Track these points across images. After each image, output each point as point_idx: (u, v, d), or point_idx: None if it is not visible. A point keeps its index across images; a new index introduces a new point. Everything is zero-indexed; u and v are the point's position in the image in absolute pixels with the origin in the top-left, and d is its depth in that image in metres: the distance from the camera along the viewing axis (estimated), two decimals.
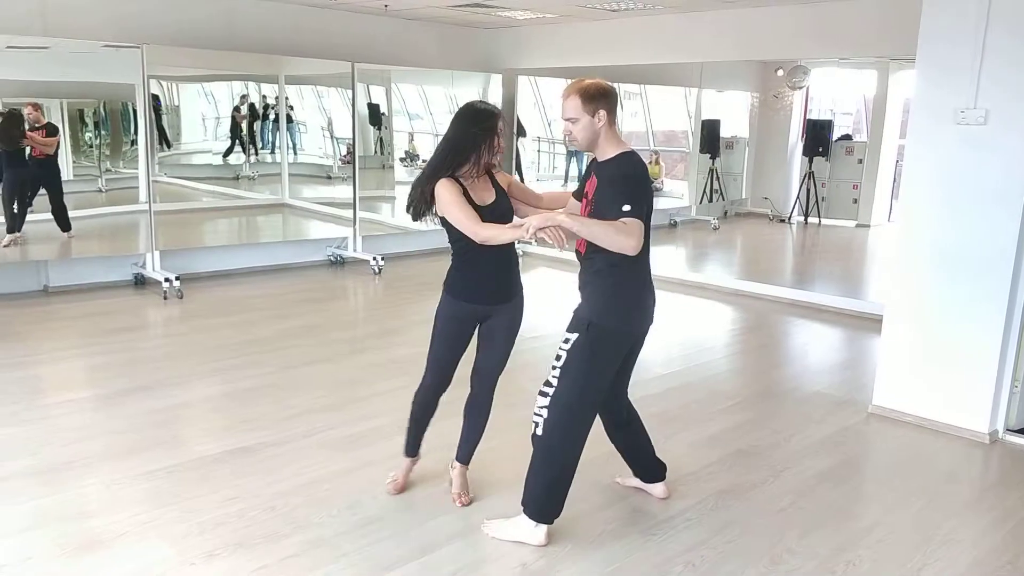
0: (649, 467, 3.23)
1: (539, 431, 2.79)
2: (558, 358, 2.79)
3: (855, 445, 3.94)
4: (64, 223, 6.46)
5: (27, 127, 6.17)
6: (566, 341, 2.79)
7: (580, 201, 2.94)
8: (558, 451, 2.80)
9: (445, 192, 2.80)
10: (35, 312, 5.81)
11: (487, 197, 2.89)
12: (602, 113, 2.72)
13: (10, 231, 6.24)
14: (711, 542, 2.90)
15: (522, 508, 2.86)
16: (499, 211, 2.89)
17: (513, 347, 3.06)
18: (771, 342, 6.00)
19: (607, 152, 2.78)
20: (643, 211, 2.64)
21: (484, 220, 2.78)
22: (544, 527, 2.84)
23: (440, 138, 2.92)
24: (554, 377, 2.79)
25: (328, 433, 3.75)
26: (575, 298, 2.89)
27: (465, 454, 3.19)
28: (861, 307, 6.40)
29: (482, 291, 2.97)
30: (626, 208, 2.60)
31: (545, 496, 2.83)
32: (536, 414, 2.80)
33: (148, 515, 2.94)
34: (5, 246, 6.19)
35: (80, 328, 5.43)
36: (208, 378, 4.48)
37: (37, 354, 4.84)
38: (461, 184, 2.84)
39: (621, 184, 2.69)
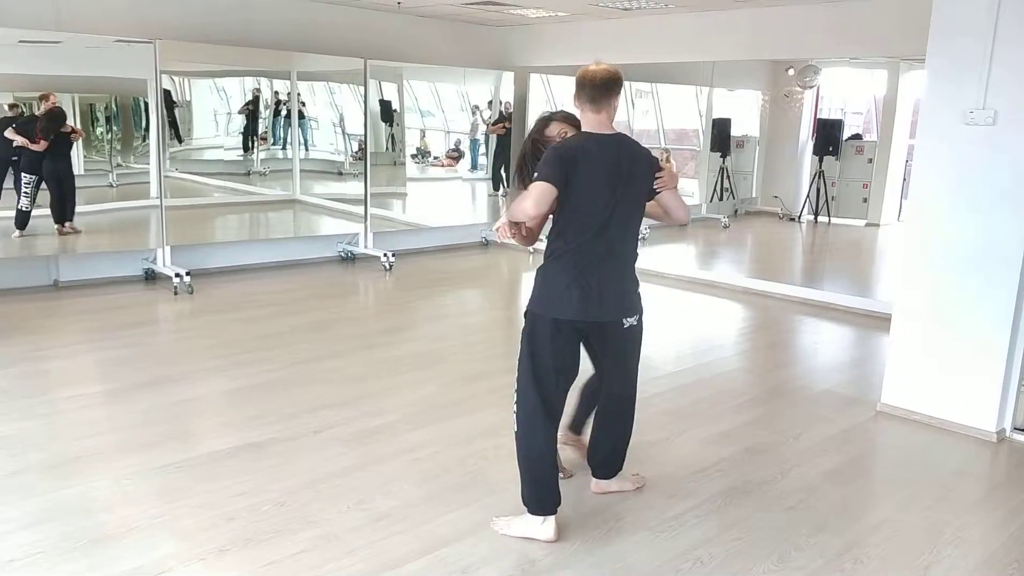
0: (605, 461, 3.18)
1: (515, 426, 2.89)
2: None
3: (863, 443, 3.94)
4: (61, 216, 6.51)
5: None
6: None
7: None
8: (523, 441, 2.87)
9: None
10: (45, 307, 5.84)
11: None
12: (576, 100, 2.85)
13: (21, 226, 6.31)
14: (719, 539, 2.91)
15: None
16: None
17: None
18: (780, 340, 5.99)
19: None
20: (552, 176, 2.66)
21: None
22: (551, 521, 2.84)
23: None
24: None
25: (338, 429, 3.77)
26: None
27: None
28: (870, 306, 6.38)
29: None
30: (535, 175, 2.68)
31: (529, 487, 2.87)
32: (513, 411, 2.89)
33: (158, 510, 2.97)
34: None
35: (90, 323, 5.47)
36: (218, 374, 4.51)
37: (47, 349, 4.87)
38: None
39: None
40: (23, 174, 6.23)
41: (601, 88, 2.79)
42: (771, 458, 3.63)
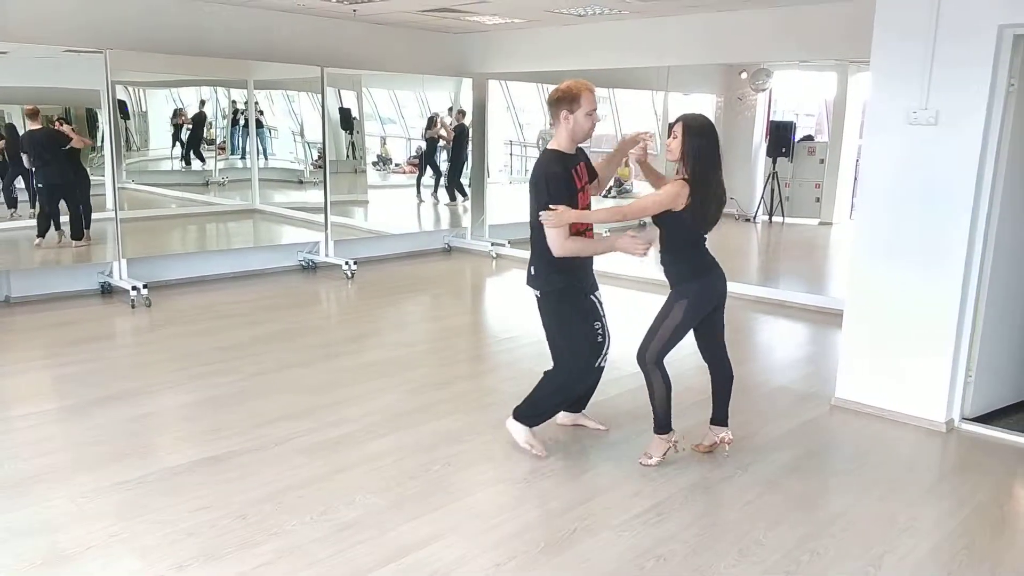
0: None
1: None
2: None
3: (819, 437, 4.03)
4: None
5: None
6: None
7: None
8: None
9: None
10: None
11: None
12: None
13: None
14: (681, 536, 2.96)
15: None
16: None
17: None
18: (737, 338, 6.06)
19: None
20: None
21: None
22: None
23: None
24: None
25: (300, 439, 3.75)
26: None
27: None
28: (824, 303, 6.53)
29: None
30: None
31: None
32: None
33: (116, 528, 2.92)
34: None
35: (44, 339, 5.36)
36: (177, 387, 4.45)
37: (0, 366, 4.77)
38: None
39: None
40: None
41: (548, 106, 3.35)
42: (730, 454, 3.69)
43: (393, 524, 2.98)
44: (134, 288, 6.23)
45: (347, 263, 7.58)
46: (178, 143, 7.69)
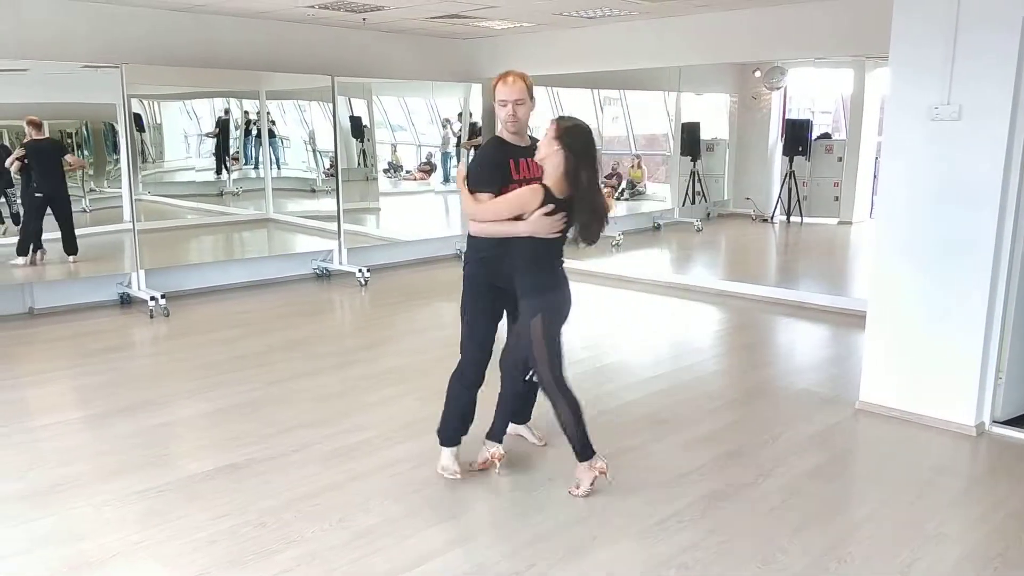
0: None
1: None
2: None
3: (843, 442, 3.96)
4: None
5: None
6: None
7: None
8: None
9: None
10: (20, 334, 5.76)
11: None
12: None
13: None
14: (703, 543, 2.91)
15: None
16: None
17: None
18: (757, 341, 6.03)
19: (527, 138, 3.28)
20: None
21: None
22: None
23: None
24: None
25: (317, 447, 3.74)
26: None
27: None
28: (845, 304, 6.45)
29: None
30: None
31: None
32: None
33: (139, 535, 2.93)
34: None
35: (66, 349, 5.40)
36: (196, 395, 4.46)
37: (23, 376, 4.80)
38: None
39: None
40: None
41: None
42: (752, 460, 3.64)
43: (410, 531, 2.96)
44: (152, 298, 6.27)
45: (360, 270, 7.59)
46: (215, 156, 7.75)
